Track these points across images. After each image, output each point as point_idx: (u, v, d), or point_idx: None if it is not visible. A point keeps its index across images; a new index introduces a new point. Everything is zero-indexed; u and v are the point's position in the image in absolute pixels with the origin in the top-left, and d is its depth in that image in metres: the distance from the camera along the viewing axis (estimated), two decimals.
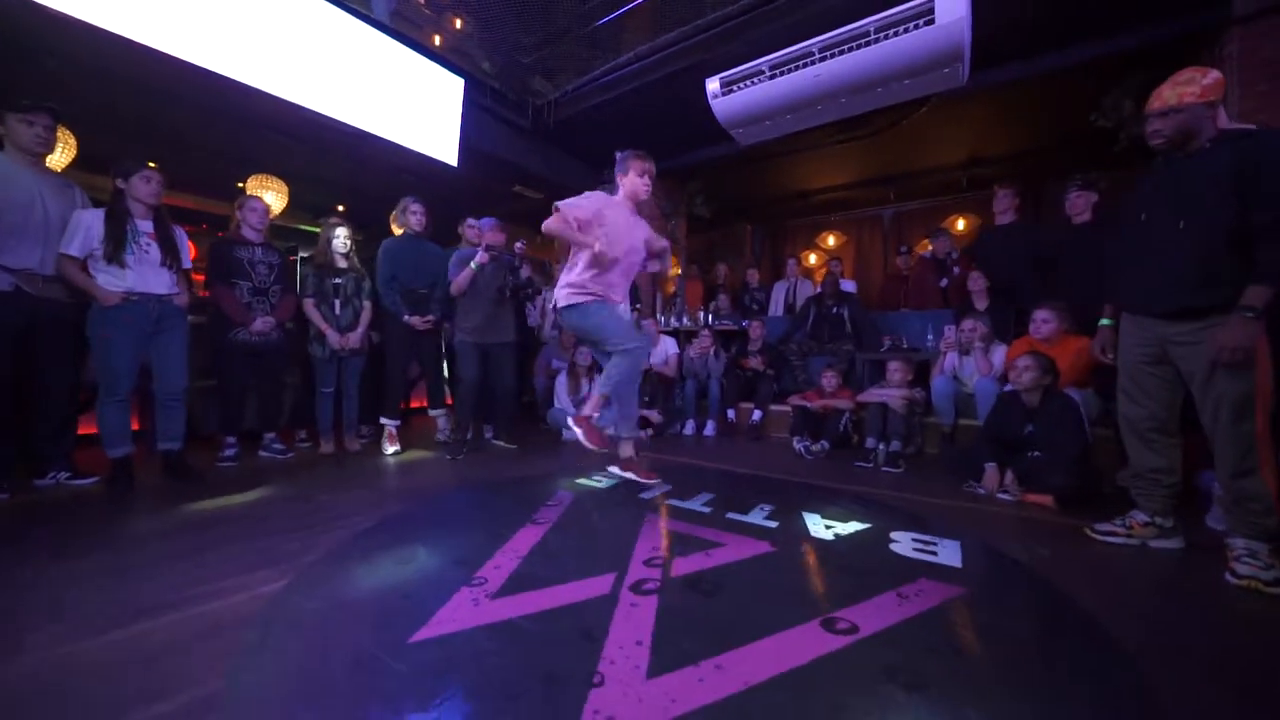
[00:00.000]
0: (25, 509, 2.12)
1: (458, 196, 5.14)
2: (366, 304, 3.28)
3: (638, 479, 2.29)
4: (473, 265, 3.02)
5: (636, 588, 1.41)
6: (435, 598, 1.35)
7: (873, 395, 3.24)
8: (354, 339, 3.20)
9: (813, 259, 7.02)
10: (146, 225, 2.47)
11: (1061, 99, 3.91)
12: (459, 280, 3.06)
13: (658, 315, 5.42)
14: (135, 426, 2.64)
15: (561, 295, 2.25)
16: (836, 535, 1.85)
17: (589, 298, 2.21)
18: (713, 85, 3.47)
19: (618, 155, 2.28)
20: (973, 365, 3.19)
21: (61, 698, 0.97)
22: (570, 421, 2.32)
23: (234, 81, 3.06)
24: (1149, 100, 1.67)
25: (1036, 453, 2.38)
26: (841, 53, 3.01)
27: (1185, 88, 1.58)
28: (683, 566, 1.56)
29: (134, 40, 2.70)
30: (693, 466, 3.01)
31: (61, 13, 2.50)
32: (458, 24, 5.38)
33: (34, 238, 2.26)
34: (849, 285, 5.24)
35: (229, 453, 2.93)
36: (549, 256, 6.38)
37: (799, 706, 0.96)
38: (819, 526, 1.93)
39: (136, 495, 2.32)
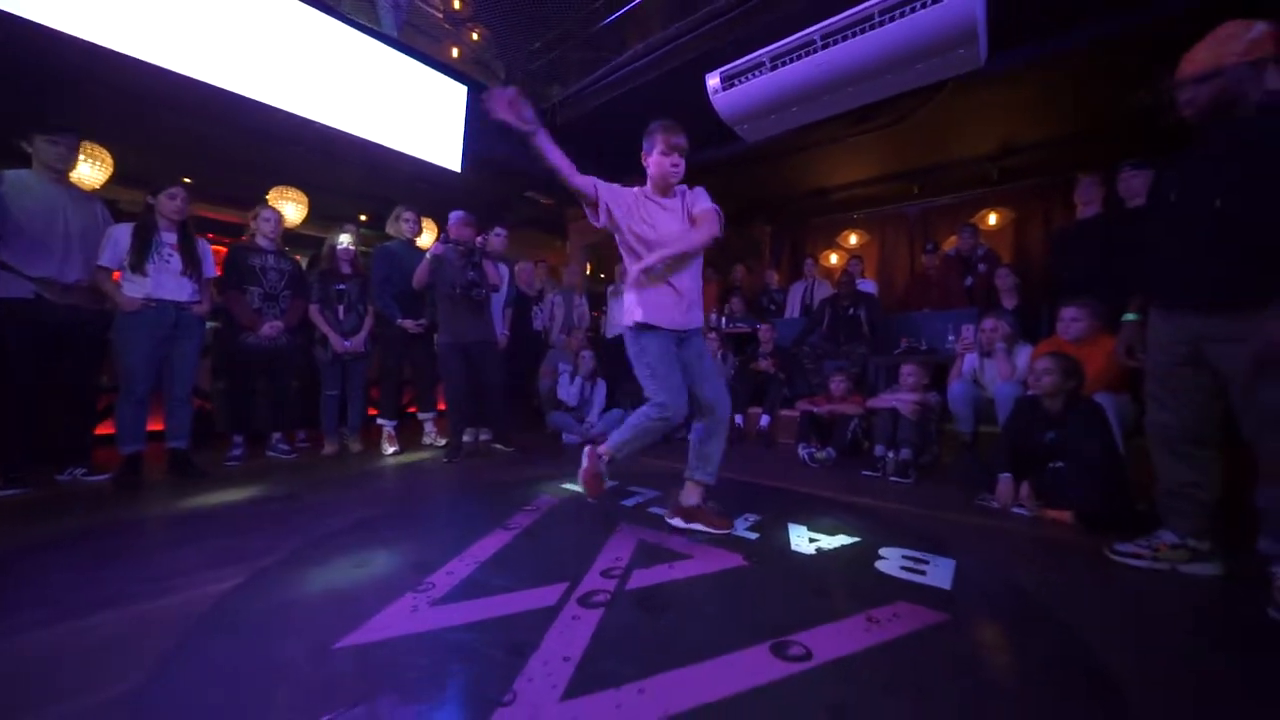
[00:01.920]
0: (41, 503, 2.24)
1: (470, 203, 5.23)
2: (369, 309, 3.35)
3: (708, 530, 1.85)
4: (428, 257, 3.00)
5: (585, 600, 1.34)
6: (377, 602, 1.32)
7: (883, 400, 3.04)
8: (357, 343, 3.26)
9: (834, 259, 6.75)
10: (170, 237, 2.61)
11: (1101, 77, 3.58)
12: (418, 272, 3.05)
13: None
14: (158, 427, 2.76)
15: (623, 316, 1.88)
16: (819, 550, 1.72)
17: (645, 323, 1.78)
18: (713, 81, 3.38)
19: (648, 129, 1.83)
20: (994, 368, 2.95)
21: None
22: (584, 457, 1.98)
23: (255, 101, 3.25)
24: (1182, 64, 1.47)
25: (1058, 464, 2.16)
26: (845, 39, 2.87)
27: (1225, 46, 1.38)
28: (641, 579, 1.47)
29: (165, 67, 2.92)
30: None
31: (102, 46, 2.73)
32: (474, 36, 5.50)
33: (55, 248, 2.41)
34: (868, 285, 5.00)
35: (236, 452, 3.04)
36: (559, 260, 6.40)
37: None
38: (802, 540, 1.80)
39: (142, 491, 2.43)
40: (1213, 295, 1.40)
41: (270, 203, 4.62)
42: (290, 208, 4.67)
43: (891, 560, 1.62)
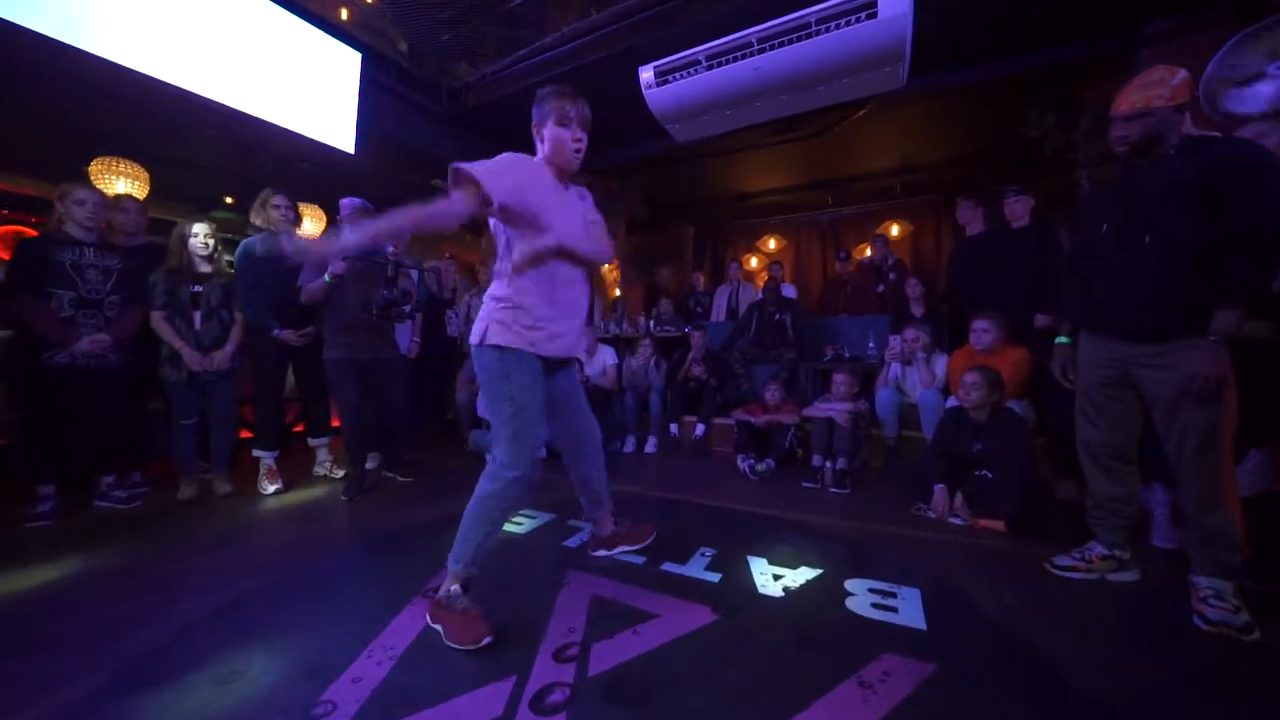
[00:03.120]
0: None
1: (367, 189, 4.57)
2: (237, 316, 2.73)
3: (634, 546, 1.85)
4: (325, 278, 2.47)
5: (538, 703, 1.09)
6: None
7: (819, 410, 3.07)
8: (221, 358, 2.64)
9: (754, 262, 6.94)
10: None
11: (990, 109, 3.95)
12: (309, 291, 2.51)
13: (595, 321, 5.09)
14: None
15: (479, 329, 1.45)
16: (785, 589, 1.61)
17: (515, 340, 1.41)
18: (646, 74, 3.19)
19: (538, 95, 1.47)
20: (916, 375, 3.10)
21: None
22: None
23: (78, 49, 2.46)
24: (1115, 102, 1.53)
25: (985, 472, 2.27)
26: (782, 44, 2.82)
27: (1154, 90, 1.45)
28: (604, 657, 1.25)
29: None
30: (629, 495, 2.71)
31: None
32: None
33: None
34: (790, 290, 5.15)
35: (43, 508, 2.30)
36: (474, 259, 5.88)
37: None
38: (766, 577, 1.69)
39: None
40: (1140, 323, 1.48)
41: (93, 175, 3.68)
42: (121, 184, 3.73)
43: (860, 596, 1.55)
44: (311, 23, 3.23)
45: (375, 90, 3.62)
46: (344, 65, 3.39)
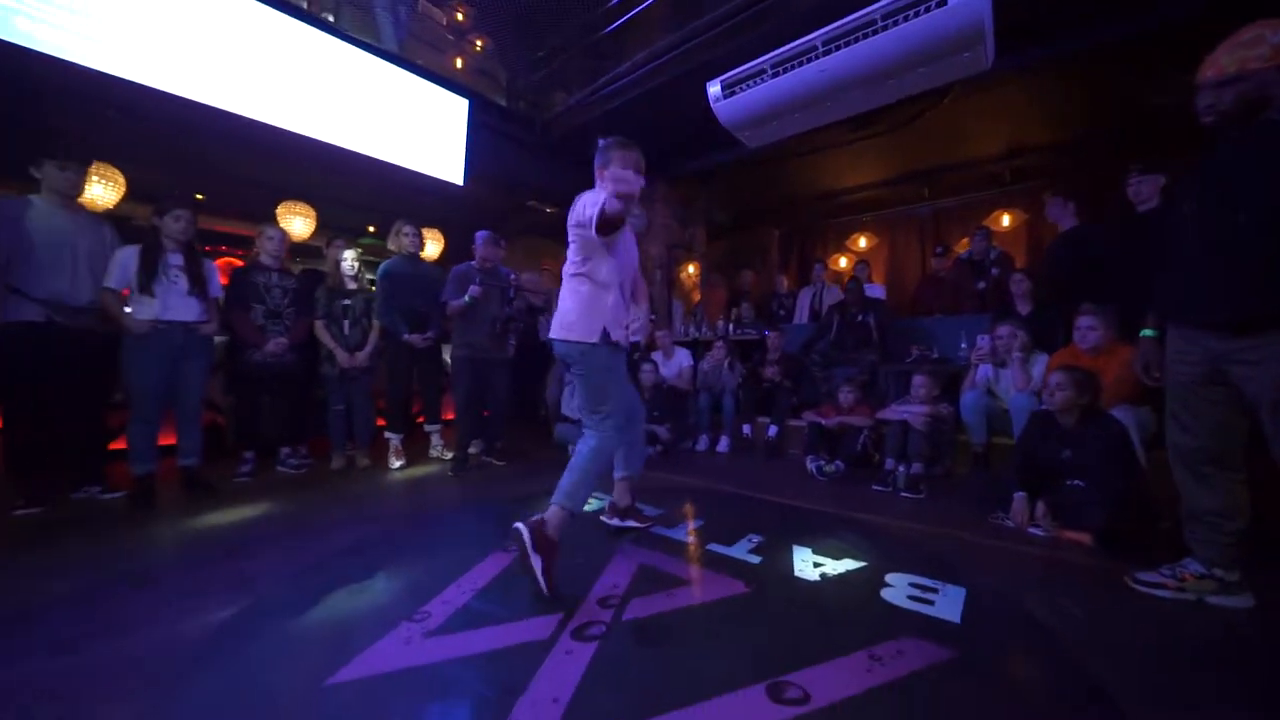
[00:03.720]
0: (56, 523, 2.27)
1: (474, 213, 5.26)
2: (375, 323, 3.37)
3: (639, 525, 2.08)
4: (466, 299, 3.07)
5: (579, 632, 1.31)
6: (371, 632, 1.31)
7: (893, 412, 2.97)
8: (361, 358, 3.28)
9: (844, 262, 6.66)
10: (177, 258, 2.64)
11: (1112, 78, 3.49)
12: (453, 307, 3.13)
13: (675, 325, 5.29)
14: (172, 441, 2.79)
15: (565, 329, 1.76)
16: (823, 575, 1.67)
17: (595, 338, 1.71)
18: (714, 89, 3.34)
19: (599, 144, 1.75)
20: (1010, 378, 2.87)
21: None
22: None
23: (261, 122, 3.29)
24: (1201, 68, 1.41)
25: (1076, 482, 2.08)
26: (848, 44, 2.81)
27: (1249, 50, 1.31)
28: (638, 608, 1.44)
29: (173, 92, 2.99)
30: (691, 488, 2.86)
31: (116, 75, 2.82)
32: (478, 45, 5.53)
33: (63, 272, 2.45)
34: (876, 290, 4.93)
35: (245, 468, 3.07)
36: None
37: None
38: (806, 564, 1.76)
39: (154, 509, 2.46)
40: (1233, 315, 1.33)
41: (279, 217, 4.71)
42: (299, 221, 4.73)
43: (898, 588, 1.57)
44: (432, 80, 3.87)
45: (480, 129, 4.20)
46: (455, 111, 4.00)
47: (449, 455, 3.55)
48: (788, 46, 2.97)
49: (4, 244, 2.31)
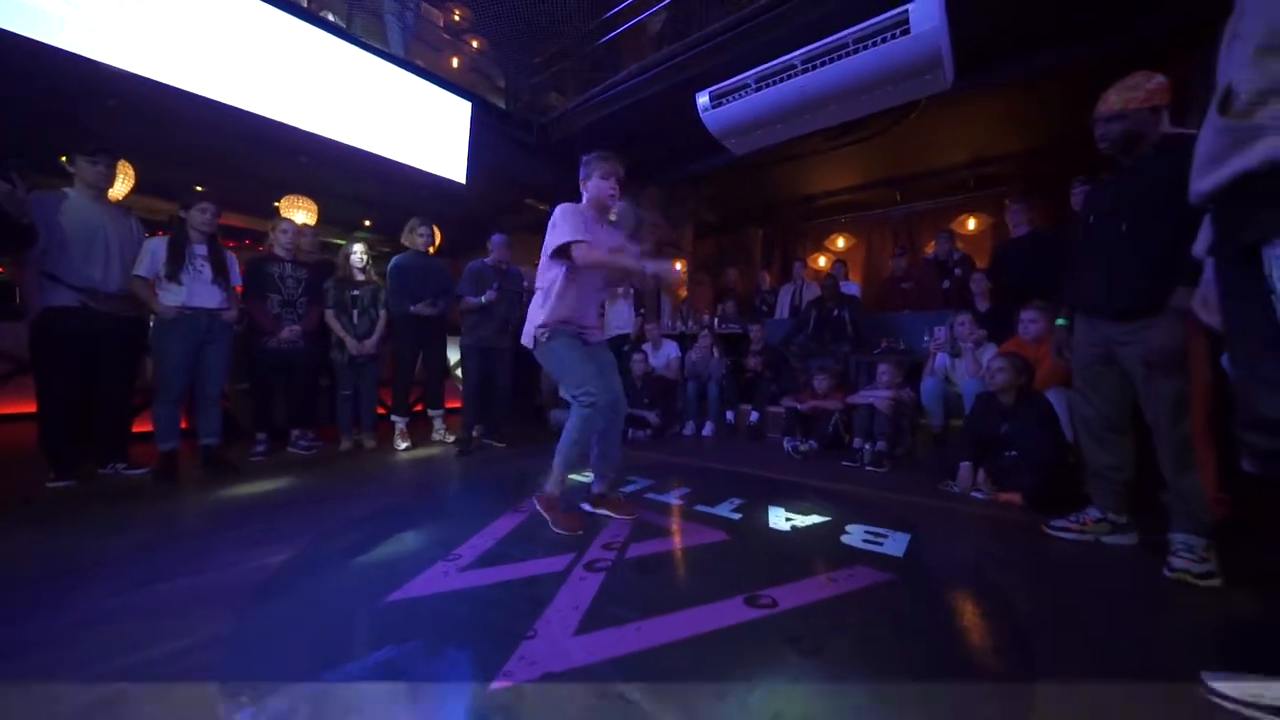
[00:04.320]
0: (89, 494, 2.44)
1: (473, 209, 5.45)
2: (382, 313, 3.57)
3: (614, 515, 2.04)
4: (483, 300, 3.36)
5: (589, 566, 1.57)
6: (413, 569, 1.55)
7: (861, 397, 3.29)
8: (369, 345, 3.48)
9: (822, 261, 7.02)
10: (201, 249, 2.82)
11: (1061, 97, 3.86)
12: (469, 304, 3.41)
13: (662, 319, 5.57)
14: (184, 425, 2.96)
15: (532, 333, 1.99)
16: (794, 527, 1.96)
17: (563, 331, 1.96)
18: (703, 99, 3.62)
19: (583, 159, 2.00)
20: (963, 366, 3.21)
21: (90, 643, 1.21)
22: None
23: (266, 118, 3.46)
24: (1097, 104, 1.72)
25: (1011, 452, 2.41)
26: (824, 64, 3.11)
27: (1130, 93, 1.63)
28: (637, 550, 1.71)
29: (183, 88, 3.13)
30: (679, 465, 3.14)
31: (122, 69, 2.94)
32: (474, 44, 5.71)
33: (97, 261, 2.61)
34: (851, 288, 5.26)
35: (260, 448, 3.25)
36: None
37: (699, 660, 1.10)
38: (779, 519, 2.05)
39: (179, 484, 2.64)
40: (1119, 305, 1.65)
41: (281, 210, 4.85)
42: (300, 215, 4.87)
43: (855, 535, 1.87)
44: (438, 84, 4.07)
45: (481, 129, 4.40)
46: (458, 112, 4.20)
47: (451, 439, 3.78)
48: (770, 64, 3.26)
49: (42, 234, 2.47)
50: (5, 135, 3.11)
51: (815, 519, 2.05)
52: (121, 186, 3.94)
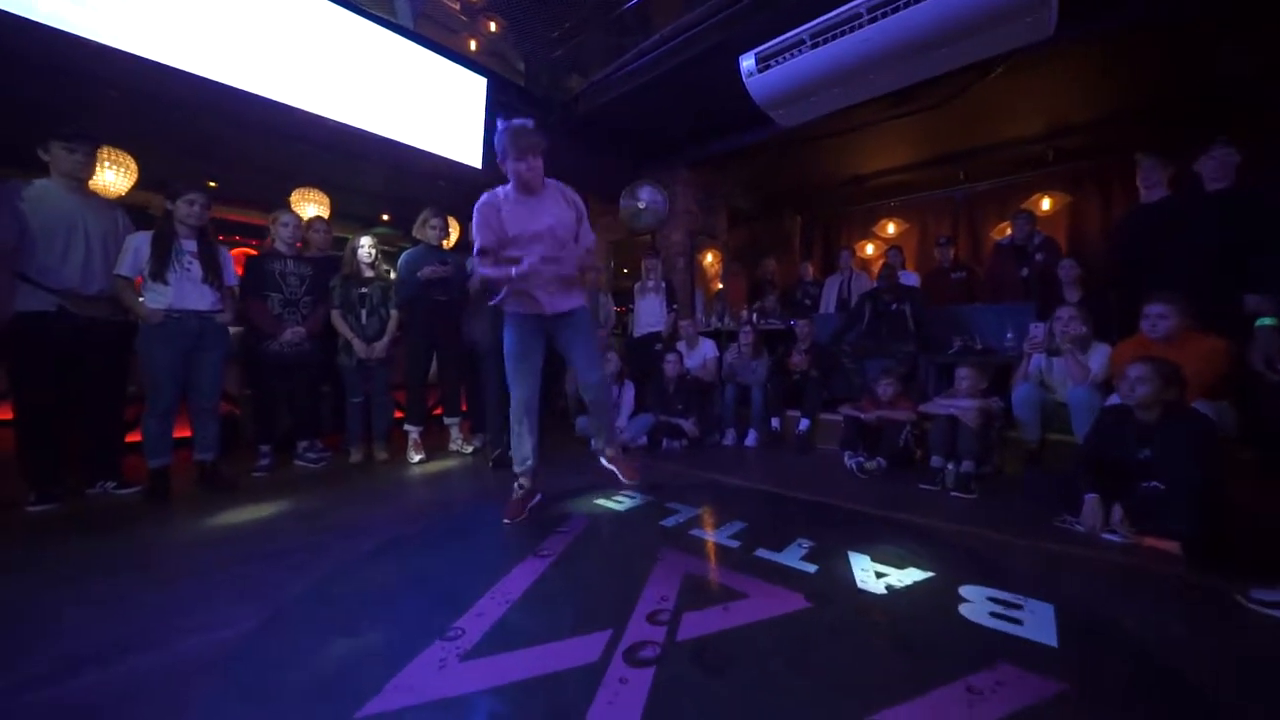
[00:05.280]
0: (69, 520, 2.19)
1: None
2: (393, 313, 3.25)
3: (620, 476, 2.19)
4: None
5: (631, 655, 1.18)
6: (402, 653, 1.19)
7: (940, 406, 2.80)
8: (380, 348, 3.17)
9: (870, 249, 6.43)
10: (190, 245, 2.54)
11: (1166, 51, 3.24)
12: (475, 283, 3.11)
13: (697, 315, 5.13)
14: (188, 433, 2.70)
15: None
16: (889, 588, 1.52)
17: (511, 309, 2.08)
18: (747, 62, 3.14)
19: (497, 131, 1.98)
20: (1064, 368, 2.68)
21: None
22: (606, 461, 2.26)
23: (272, 100, 3.17)
24: None
25: (1154, 484, 1.90)
26: (895, 10, 2.60)
27: None
28: (692, 625, 1.30)
29: (179, 68, 2.85)
30: (723, 485, 2.72)
31: (117, 48, 2.65)
32: (492, 27, 5.34)
33: (75, 260, 2.35)
34: (910, 278, 4.71)
35: (263, 462, 2.98)
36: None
37: None
38: (868, 574, 1.61)
39: (170, 505, 2.38)
40: None
41: (292, 204, 4.60)
42: (312, 209, 4.61)
43: (977, 603, 1.42)
44: (447, 56, 3.71)
45: (499, 110, 4.03)
46: (472, 91, 3.84)
47: (469, 449, 3.45)
48: (830, 15, 2.77)
49: (14, 232, 2.21)
50: None
51: (915, 574, 1.61)
52: (123, 181, 3.73)
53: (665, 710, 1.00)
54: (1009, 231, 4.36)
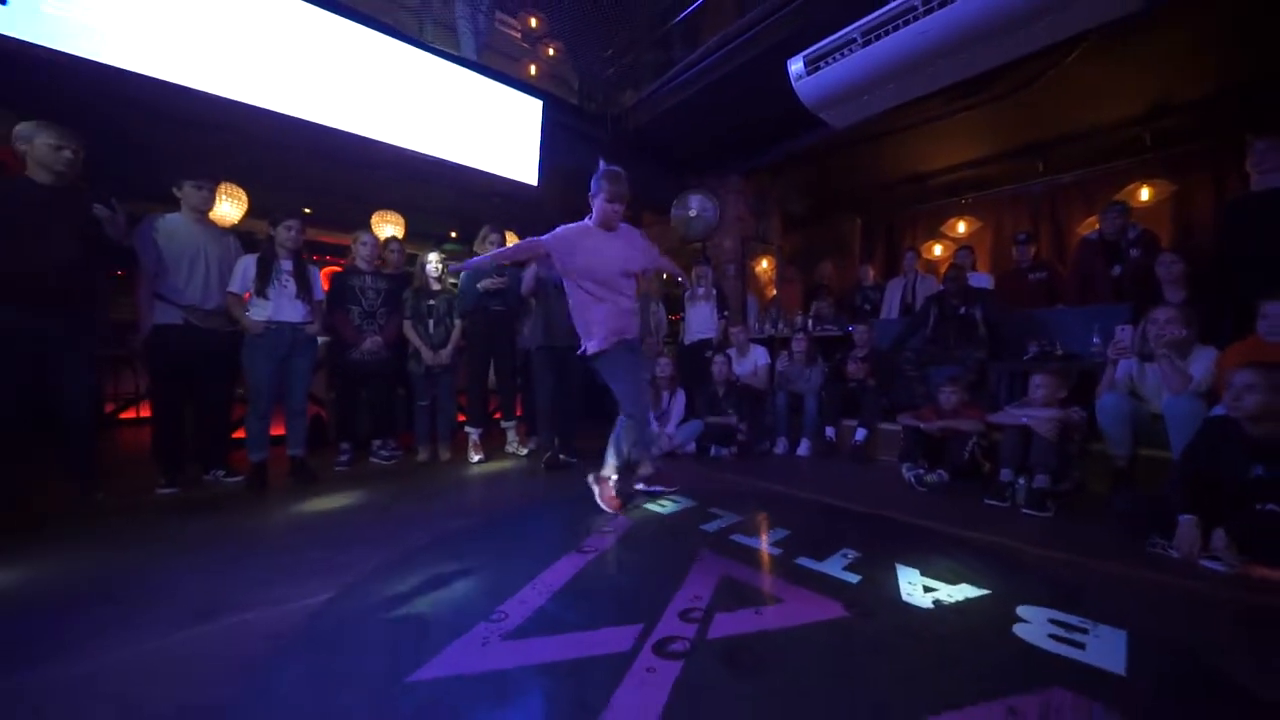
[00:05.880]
0: (188, 502, 2.55)
1: (546, 213, 5.35)
2: (457, 323, 3.50)
3: (665, 489, 2.53)
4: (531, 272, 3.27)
5: (661, 648, 1.21)
6: (451, 630, 1.29)
7: (1010, 416, 2.60)
8: (445, 355, 3.42)
9: (939, 250, 6.06)
10: (287, 264, 2.89)
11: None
12: (526, 279, 3.32)
13: (750, 321, 5.07)
14: (282, 432, 3.06)
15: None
16: (937, 602, 1.45)
17: (606, 343, 2.32)
18: (795, 65, 3.11)
19: (595, 175, 2.31)
20: (1157, 376, 2.40)
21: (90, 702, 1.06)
22: (594, 485, 2.44)
23: (355, 135, 3.55)
24: None
25: (1270, 505, 1.67)
26: None
27: None
28: (724, 626, 1.31)
29: (283, 113, 3.28)
30: (773, 494, 2.68)
31: (228, 98, 3.11)
32: (550, 52, 5.63)
33: (198, 280, 2.75)
34: (982, 280, 4.39)
35: (343, 458, 3.31)
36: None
37: None
38: (915, 588, 1.54)
39: (266, 493, 2.70)
40: None
41: (373, 225, 5.07)
42: (389, 229, 5.06)
43: (1035, 624, 1.32)
44: (507, 83, 3.97)
45: (553, 128, 4.24)
46: (529, 111, 4.07)
47: (523, 451, 3.63)
48: (882, 10, 2.69)
49: (154, 258, 2.64)
50: (122, 168, 3.42)
51: (967, 591, 1.51)
52: (235, 211, 4.29)
53: (689, 701, 1.02)
54: (1097, 226, 3.97)
